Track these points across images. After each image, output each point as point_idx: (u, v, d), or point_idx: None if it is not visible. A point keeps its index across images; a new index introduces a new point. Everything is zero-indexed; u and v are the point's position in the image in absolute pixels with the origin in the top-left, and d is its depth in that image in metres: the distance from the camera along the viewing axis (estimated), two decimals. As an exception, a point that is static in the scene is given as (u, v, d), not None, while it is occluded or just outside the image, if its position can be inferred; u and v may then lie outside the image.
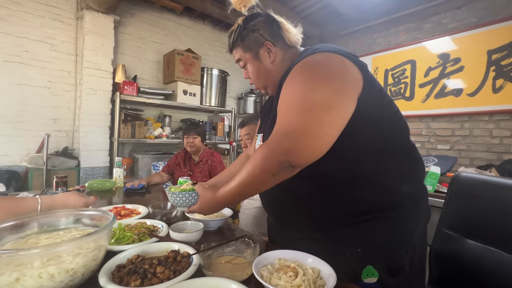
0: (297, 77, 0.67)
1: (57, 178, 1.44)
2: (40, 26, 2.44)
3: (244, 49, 0.81)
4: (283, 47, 0.80)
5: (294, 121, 0.62)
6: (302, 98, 0.63)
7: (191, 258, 0.68)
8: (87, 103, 2.50)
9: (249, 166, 0.66)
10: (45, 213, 0.73)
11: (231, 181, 0.71)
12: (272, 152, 0.62)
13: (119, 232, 0.83)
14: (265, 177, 0.64)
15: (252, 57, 0.81)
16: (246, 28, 0.79)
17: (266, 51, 0.80)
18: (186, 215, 1.01)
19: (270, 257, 0.69)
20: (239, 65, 0.86)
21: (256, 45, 0.79)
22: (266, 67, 0.81)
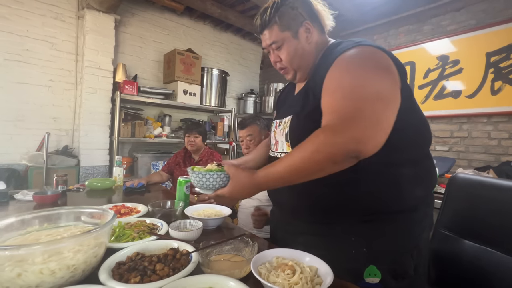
0: (354, 64, 0.65)
1: (57, 176, 1.45)
2: (41, 25, 2.45)
3: (282, 28, 0.76)
4: (319, 29, 0.79)
5: (362, 108, 0.58)
6: (367, 86, 0.60)
7: (190, 256, 0.69)
8: (87, 102, 2.51)
9: (306, 150, 0.59)
10: (45, 210, 0.73)
11: (276, 164, 0.65)
12: (340, 138, 0.56)
13: (119, 230, 0.84)
14: (325, 164, 0.58)
15: (290, 36, 0.76)
16: (284, 4, 0.76)
17: (305, 31, 0.76)
18: (186, 213, 1.02)
19: (268, 255, 0.70)
20: (269, 48, 0.80)
21: (296, 24, 0.76)
22: (304, 47, 0.77)
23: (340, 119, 0.58)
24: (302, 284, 0.57)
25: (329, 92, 0.65)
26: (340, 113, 0.59)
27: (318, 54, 0.79)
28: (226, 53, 3.89)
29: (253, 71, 4.30)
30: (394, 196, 0.69)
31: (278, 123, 0.86)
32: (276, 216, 0.97)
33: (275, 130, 0.88)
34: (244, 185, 0.69)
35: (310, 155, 0.58)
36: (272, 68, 4.26)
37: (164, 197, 1.52)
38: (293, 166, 0.61)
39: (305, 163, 0.60)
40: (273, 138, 0.89)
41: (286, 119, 0.81)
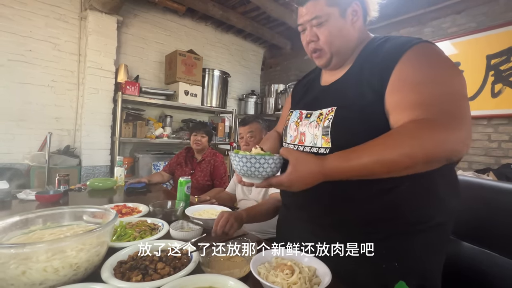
0: (434, 60, 0.60)
1: (60, 176, 1.46)
2: (44, 25, 2.47)
3: (330, 2, 0.69)
4: (364, 16, 0.74)
5: (462, 106, 0.55)
6: (457, 84, 0.58)
7: (190, 255, 0.70)
8: (89, 102, 2.52)
9: (403, 144, 0.52)
10: (48, 209, 0.75)
11: (360, 153, 0.56)
12: (449, 135, 0.51)
13: (121, 230, 0.85)
14: (419, 162, 0.52)
15: (337, 13, 0.69)
16: None
17: (352, 13, 0.70)
18: (187, 214, 1.03)
19: (268, 256, 0.71)
20: (307, 24, 0.72)
21: (346, 2, 0.69)
22: (348, 30, 0.70)
23: (444, 115, 0.53)
24: (300, 284, 0.58)
25: (410, 86, 0.58)
26: (443, 108, 0.54)
27: (360, 44, 0.73)
28: (228, 54, 3.91)
29: (254, 72, 4.32)
30: (431, 207, 0.65)
31: (306, 115, 0.78)
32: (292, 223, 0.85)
33: (298, 122, 0.79)
34: (311, 174, 0.58)
35: (409, 150, 0.52)
36: (273, 70, 4.27)
37: (165, 197, 1.53)
38: (384, 160, 0.53)
39: (400, 158, 0.52)
40: (292, 130, 0.81)
41: (324, 111, 0.71)
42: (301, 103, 0.84)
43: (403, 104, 0.58)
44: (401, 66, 0.60)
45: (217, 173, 2.00)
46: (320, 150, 0.70)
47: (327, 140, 0.68)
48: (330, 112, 0.69)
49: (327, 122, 0.69)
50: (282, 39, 3.89)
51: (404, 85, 0.59)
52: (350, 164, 0.56)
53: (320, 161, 0.59)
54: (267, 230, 1.35)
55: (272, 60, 4.30)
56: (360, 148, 0.57)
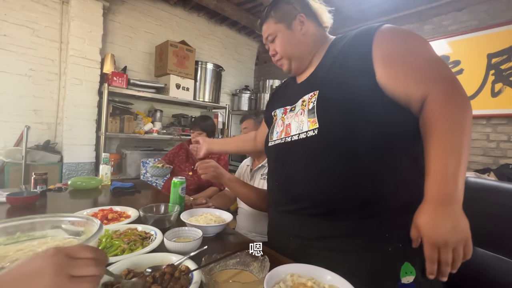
0: (408, 33, 0.68)
1: (36, 175, 1.30)
2: (21, 8, 2.25)
3: (277, 20, 0.81)
4: (316, 23, 0.82)
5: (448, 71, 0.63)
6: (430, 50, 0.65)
7: (191, 274, 0.59)
8: (72, 94, 2.33)
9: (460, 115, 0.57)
10: (15, 219, 0.61)
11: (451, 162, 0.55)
12: (462, 93, 0.59)
13: (106, 240, 0.73)
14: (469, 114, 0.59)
15: (284, 28, 0.81)
16: (281, 0, 0.82)
17: (299, 24, 0.80)
18: (182, 219, 0.91)
19: (282, 273, 0.60)
20: (267, 42, 0.85)
21: (290, 17, 0.80)
22: (298, 38, 0.80)
23: (447, 81, 0.60)
24: (327, 312, 0.48)
25: (399, 58, 0.64)
26: (441, 74, 0.61)
27: (319, 47, 0.81)
28: (221, 47, 3.76)
29: (248, 67, 4.19)
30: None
31: (291, 108, 0.83)
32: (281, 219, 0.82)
33: (283, 116, 0.84)
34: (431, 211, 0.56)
35: (467, 117, 0.57)
36: (267, 65, 4.16)
37: (156, 199, 1.40)
38: (465, 136, 0.56)
39: (469, 128, 0.58)
40: (279, 126, 0.84)
41: (306, 97, 0.76)
42: (278, 103, 0.91)
43: (401, 78, 0.63)
44: (380, 44, 0.66)
45: None
46: (309, 133, 0.71)
47: (314, 121, 0.70)
48: (313, 96, 0.74)
49: (311, 105, 0.73)
50: (277, 33, 3.78)
51: (392, 59, 0.64)
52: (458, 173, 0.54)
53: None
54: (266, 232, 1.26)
55: (267, 55, 4.18)
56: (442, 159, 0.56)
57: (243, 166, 1.51)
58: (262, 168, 1.35)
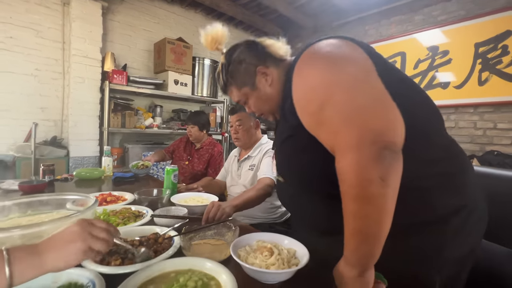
0: (315, 63, 0.55)
1: (44, 166, 1.43)
2: (25, 11, 2.37)
3: (239, 85, 0.76)
4: (275, 63, 0.74)
5: (342, 99, 0.48)
6: (334, 79, 0.51)
7: (172, 240, 0.71)
8: (76, 91, 2.46)
9: (346, 200, 0.47)
10: (26, 197, 0.73)
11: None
12: (358, 148, 0.44)
13: (104, 217, 0.85)
14: (374, 191, 0.44)
15: (249, 90, 0.75)
16: (231, 63, 0.75)
17: (262, 77, 0.73)
18: (172, 201, 1.03)
19: (249, 239, 0.71)
20: (240, 103, 0.81)
21: (250, 76, 0.73)
22: (267, 92, 0.74)
23: (343, 135, 0.47)
24: (278, 265, 0.59)
25: (304, 108, 0.56)
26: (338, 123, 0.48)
27: (283, 85, 0.72)
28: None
29: (246, 62, 4.25)
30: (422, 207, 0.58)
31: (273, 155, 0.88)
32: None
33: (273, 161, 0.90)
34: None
35: (353, 198, 0.46)
36: (265, 59, 4.22)
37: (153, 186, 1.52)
38: (357, 230, 0.48)
39: (361, 212, 0.46)
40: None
41: (272, 152, 0.80)
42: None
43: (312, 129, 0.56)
44: (293, 83, 0.59)
45: (214, 163, 2.01)
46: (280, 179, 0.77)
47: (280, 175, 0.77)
48: (276, 152, 0.80)
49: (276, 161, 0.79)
50: (273, 27, 3.83)
51: (300, 108, 0.57)
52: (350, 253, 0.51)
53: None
54: (256, 215, 1.37)
55: (264, 49, 4.25)
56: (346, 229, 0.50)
57: (231, 156, 1.61)
58: (248, 159, 1.44)
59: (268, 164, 1.27)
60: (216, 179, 1.67)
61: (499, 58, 2.02)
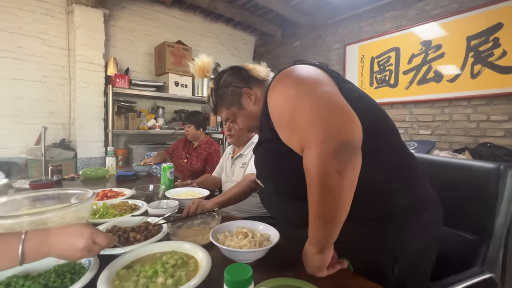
0: (285, 82, 0.63)
1: (52, 166, 1.55)
2: (32, 21, 2.50)
3: (227, 106, 0.86)
4: (258, 84, 0.84)
5: (308, 106, 0.55)
6: (301, 92, 0.58)
7: (161, 227, 0.79)
8: (81, 96, 2.59)
9: (309, 190, 0.54)
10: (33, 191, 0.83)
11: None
12: (320, 144, 0.50)
13: (103, 209, 0.94)
14: (332, 183, 0.50)
15: (236, 110, 0.85)
16: (219, 87, 0.86)
17: (247, 97, 0.84)
18: (166, 195, 1.12)
19: (230, 226, 0.80)
20: (228, 122, 0.92)
21: (236, 97, 0.84)
22: (252, 110, 0.84)
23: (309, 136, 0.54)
24: (250, 246, 0.67)
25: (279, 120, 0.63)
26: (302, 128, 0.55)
27: None
28: (218, 43, 3.92)
29: (246, 61, 4.26)
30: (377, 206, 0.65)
31: None
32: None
33: None
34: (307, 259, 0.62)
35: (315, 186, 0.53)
36: (263, 58, 4.28)
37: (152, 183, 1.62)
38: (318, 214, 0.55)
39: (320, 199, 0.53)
40: None
41: None
42: None
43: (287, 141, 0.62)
44: (268, 103, 0.66)
45: (211, 160, 2.11)
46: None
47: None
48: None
49: None
50: (272, 27, 3.89)
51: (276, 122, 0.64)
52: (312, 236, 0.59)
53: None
54: (247, 209, 1.44)
55: (263, 48, 4.31)
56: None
57: (226, 153, 1.69)
58: (241, 157, 1.51)
59: None
60: (212, 175, 1.76)
61: (491, 51, 2.03)
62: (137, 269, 0.59)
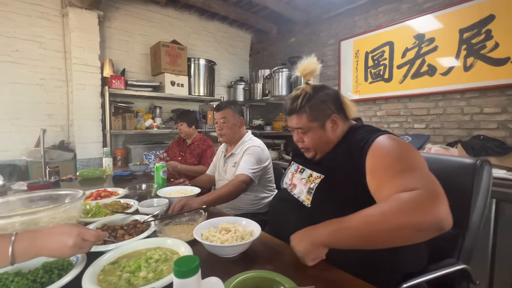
0: (396, 146, 0.71)
1: (50, 168, 1.59)
2: (28, 25, 2.53)
3: (311, 118, 0.85)
4: (344, 120, 0.88)
5: (431, 179, 0.62)
6: (419, 161, 0.67)
7: (150, 225, 0.83)
8: (78, 98, 2.62)
9: (391, 217, 0.57)
10: (26, 192, 0.87)
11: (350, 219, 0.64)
12: (435, 206, 0.56)
13: (95, 209, 0.98)
14: (404, 233, 0.57)
15: (317, 126, 0.86)
16: (315, 97, 0.85)
17: (332, 123, 0.85)
18: (158, 194, 1.15)
19: (215, 222, 0.83)
20: (294, 130, 0.91)
21: (324, 116, 0.85)
22: (328, 136, 0.86)
23: (423, 187, 0.59)
24: (231, 240, 0.70)
25: (383, 169, 0.68)
26: (418, 180, 0.61)
27: (339, 137, 0.87)
28: (214, 42, 3.92)
29: (243, 59, 4.34)
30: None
31: (300, 169, 0.96)
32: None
33: (294, 173, 0.98)
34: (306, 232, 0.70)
35: (395, 223, 0.57)
36: (260, 55, 4.29)
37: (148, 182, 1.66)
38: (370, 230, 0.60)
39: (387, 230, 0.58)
40: (288, 179, 1.00)
41: (314, 175, 0.87)
42: (298, 159, 1.01)
43: (381, 184, 0.68)
44: (371, 157, 0.72)
45: (205, 156, 2.17)
46: (304, 202, 0.86)
47: (308, 198, 0.84)
48: (318, 178, 0.85)
49: (313, 185, 0.85)
50: (267, 23, 3.88)
51: (378, 171, 0.70)
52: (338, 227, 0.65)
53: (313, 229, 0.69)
54: (241, 207, 1.48)
55: (260, 45, 4.31)
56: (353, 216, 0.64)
57: (219, 152, 1.72)
58: (232, 156, 1.54)
59: (246, 161, 1.36)
60: (206, 173, 1.79)
61: (483, 43, 2.02)
62: (122, 264, 0.62)
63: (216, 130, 1.59)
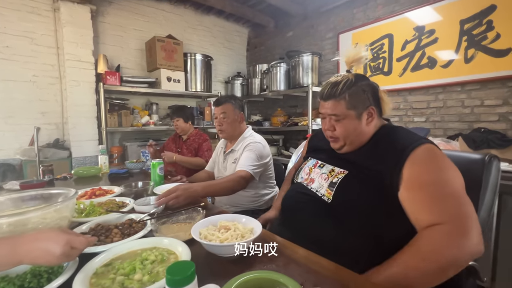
0: (436, 162, 0.71)
1: (43, 166, 1.55)
2: (18, 20, 2.46)
3: (349, 106, 0.82)
4: (379, 115, 0.86)
5: (468, 212, 0.64)
6: (459, 187, 0.67)
7: (146, 224, 0.79)
8: (72, 95, 2.56)
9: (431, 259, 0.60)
10: (16, 192, 0.83)
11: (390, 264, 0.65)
12: (467, 241, 0.60)
13: (89, 208, 0.94)
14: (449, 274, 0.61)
15: (354, 115, 0.83)
16: (356, 85, 0.82)
17: (368, 115, 0.84)
18: (154, 191, 1.12)
19: (214, 220, 0.80)
20: (326, 116, 0.87)
21: (362, 106, 0.83)
22: (362, 128, 0.84)
23: (455, 221, 0.62)
24: (231, 239, 0.67)
25: (419, 185, 0.69)
26: (451, 212, 0.64)
27: (371, 133, 0.86)
28: (210, 36, 3.86)
29: (240, 54, 4.28)
30: None
31: (320, 165, 0.94)
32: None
33: (312, 168, 0.96)
34: None
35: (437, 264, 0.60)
36: (257, 50, 4.22)
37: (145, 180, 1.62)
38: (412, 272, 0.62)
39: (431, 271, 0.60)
40: (305, 173, 0.97)
41: (337, 170, 0.86)
42: (317, 152, 1.00)
43: (417, 204, 0.69)
44: (409, 168, 0.70)
45: (201, 150, 2.18)
46: (323, 197, 0.84)
47: (330, 193, 0.83)
48: (341, 173, 0.84)
49: (336, 180, 0.83)
50: (265, 17, 3.82)
51: (414, 185, 0.69)
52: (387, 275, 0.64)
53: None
54: (239, 204, 1.45)
55: (257, 40, 4.25)
56: (393, 261, 0.65)
57: (218, 148, 1.68)
58: (233, 153, 1.50)
59: (247, 158, 1.33)
60: (205, 169, 1.75)
61: (484, 34, 1.99)
62: (116, 266, 0.59)
63: (216, 126, 1.55)
